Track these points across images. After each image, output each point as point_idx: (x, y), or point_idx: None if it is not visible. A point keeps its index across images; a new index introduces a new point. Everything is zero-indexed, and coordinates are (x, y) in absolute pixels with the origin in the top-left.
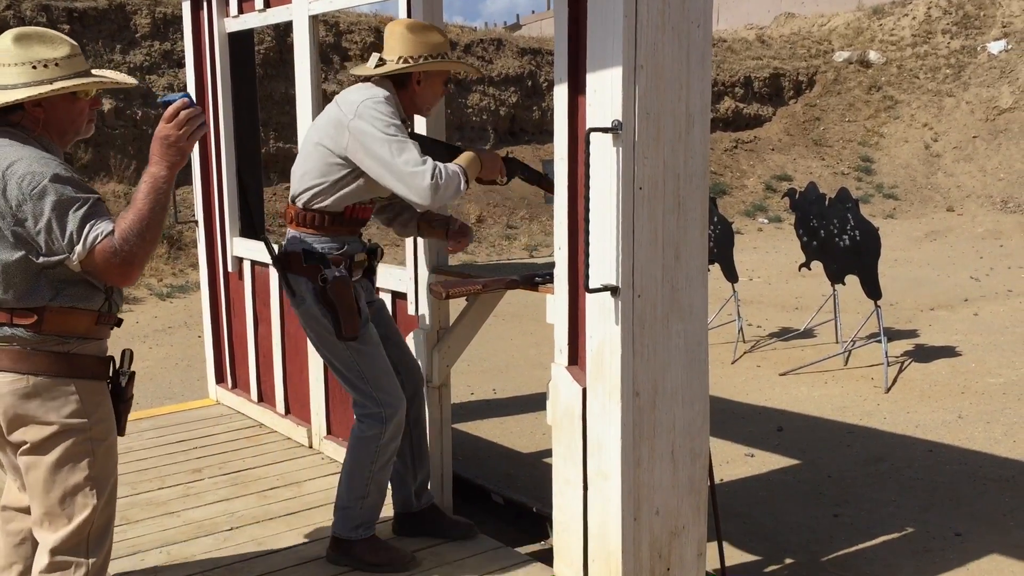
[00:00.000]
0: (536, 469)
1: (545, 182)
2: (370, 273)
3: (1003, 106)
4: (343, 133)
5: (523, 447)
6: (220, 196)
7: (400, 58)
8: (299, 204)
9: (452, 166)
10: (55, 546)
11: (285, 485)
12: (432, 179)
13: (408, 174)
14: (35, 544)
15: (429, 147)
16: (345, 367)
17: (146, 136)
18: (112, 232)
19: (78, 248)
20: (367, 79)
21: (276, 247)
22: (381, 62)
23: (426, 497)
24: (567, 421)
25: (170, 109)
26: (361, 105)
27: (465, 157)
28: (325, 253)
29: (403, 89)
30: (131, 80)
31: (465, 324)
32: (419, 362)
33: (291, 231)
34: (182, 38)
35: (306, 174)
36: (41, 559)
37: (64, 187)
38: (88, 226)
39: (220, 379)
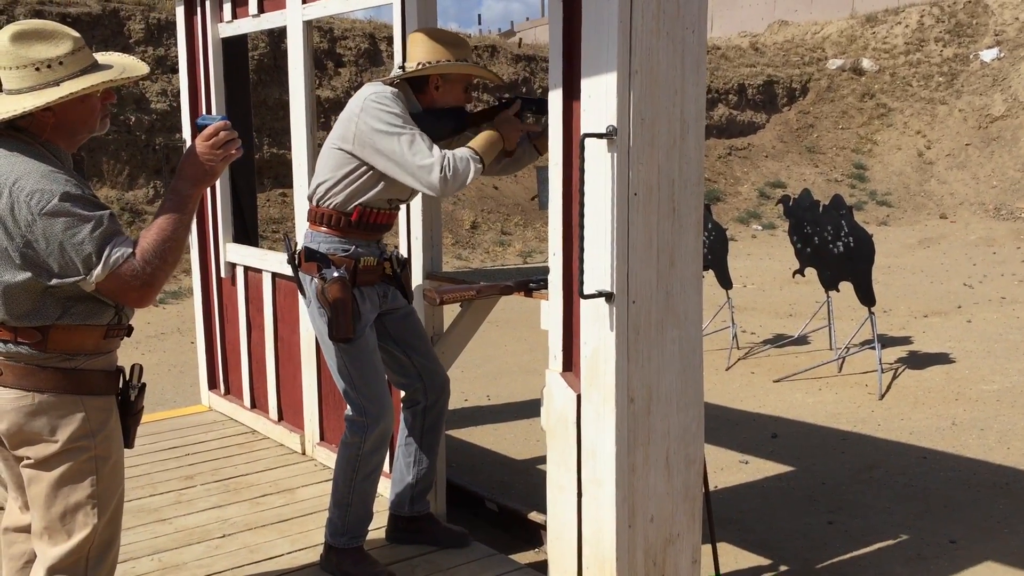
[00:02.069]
0: (530, 476)
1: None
2: (394, 281)
3: (995, 114)
4: (351, 127)
5: (517, 454)
6: (213, 202)
7: (419, 64)
8: (314, 201)
9: (464, 152)
10: (53, 564)
11: (278, 492)
12: (441, 172)
13: (417, 168)
14: None
15: (437, 117)
16: (336, 370)
17: (138, 142)
18: (133, 254)
19: (96, 271)
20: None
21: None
22: (401, 70)
23: (420, 505)
24: (561, 427)
25: (208, 129)
26: (367, 99)
27: (482, 139)
28: (328, 253)
29: (422, 95)
30: (143, 68)
31: (459, 330)
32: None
33: (307, 229)
34: (176, 43)
35: (319, 171)
36: (37, 574)
37: (75, 205)
38: (108, 248)
39: (213, 385)
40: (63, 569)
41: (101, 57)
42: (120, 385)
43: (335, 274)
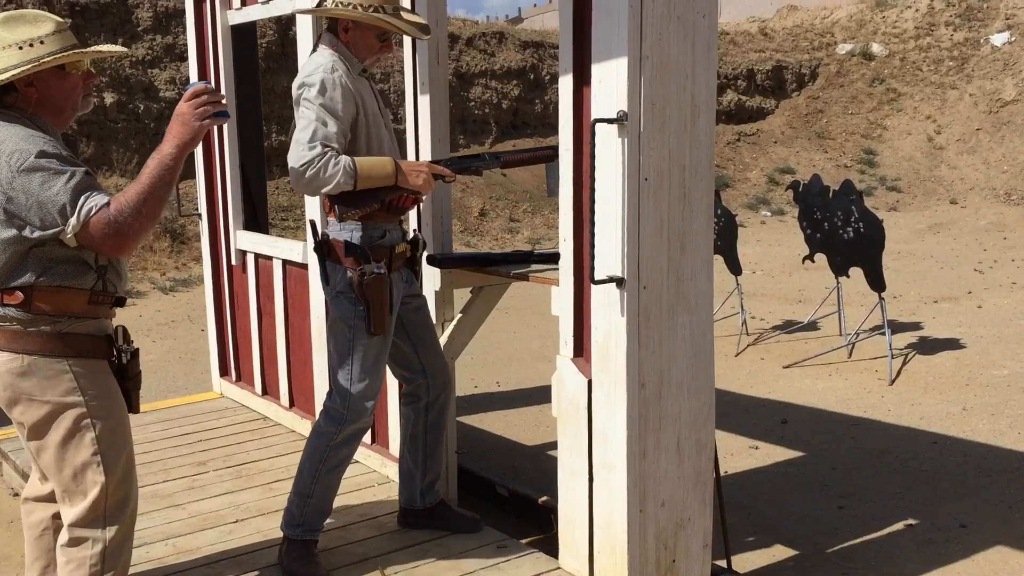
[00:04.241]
0: (540, 461)
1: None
2: (412, 264)
3: (1006, 98)
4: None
5: (527, 440)
6: (223, 189)
7: (335, 2)
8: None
9: (346, 166)
10: (73, 521)
11: (290, 478)
12: (302, 165)
13: (293, 149)
14: (56, 536)
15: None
16: (339, 356)
17: (147, 130)
18: (107, 204)
19: (72, 220)
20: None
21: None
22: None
23: (431, 496)
24: (572, 413)
25: (191, 90)
26: (303, 75)
27: (373, 161)
28: (367, 244)
29: (338, 35)
30: (119, 48)
31: (469, 317)
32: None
33: (331, 219)
34: (184, 31)
35: None
36: (63, 534)
37: (51, 161)
38: (83, 198)
39: (224, 372)
40: (83, 525)
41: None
42: (113, 352)
43: (376, 270)
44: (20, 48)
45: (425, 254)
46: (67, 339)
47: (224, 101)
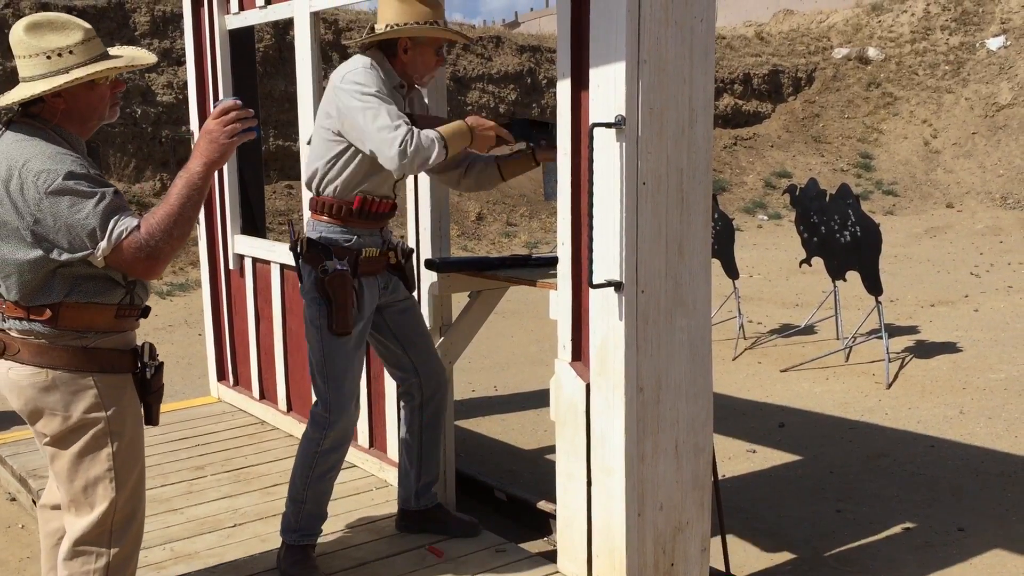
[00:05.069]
0: (538, 465)
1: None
2: (397, 272)
3: (1002, 102)
4: (332, 105)
5: (525, 444)
6: (221, 194)
7: (387, 26)
8: (313, 190)
9: (431, 133)
10: (79, 536)
11: (287, 482)
12: (401, 145)
13: (378, 139)
14: None
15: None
16: (315, 359)
17: (145, 134)
18: (138, 227)
19: (102, 244)
20: (363, 50)
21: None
22: (372, 31)
23: (427, 499)
24: (571, 416)
25: (220, 106)
26: (343, 78)
27: (451, 128)
28: (331, 243)
29: (395, 58)
30: (151, 57)
31: (467, 321)
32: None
33: (309, 218)
34: (182, 36)
35: (312, 157)
36: (65, 546)
37: (79, 183)
38: (112, 221)
39: (222, 376)
40: (88, 541)
41: (113, 50)
42: (138, 364)
43: (337, 267)
44: (48, 58)
45: (424, 259)
46: (92, 354)
47: (254, 116)
